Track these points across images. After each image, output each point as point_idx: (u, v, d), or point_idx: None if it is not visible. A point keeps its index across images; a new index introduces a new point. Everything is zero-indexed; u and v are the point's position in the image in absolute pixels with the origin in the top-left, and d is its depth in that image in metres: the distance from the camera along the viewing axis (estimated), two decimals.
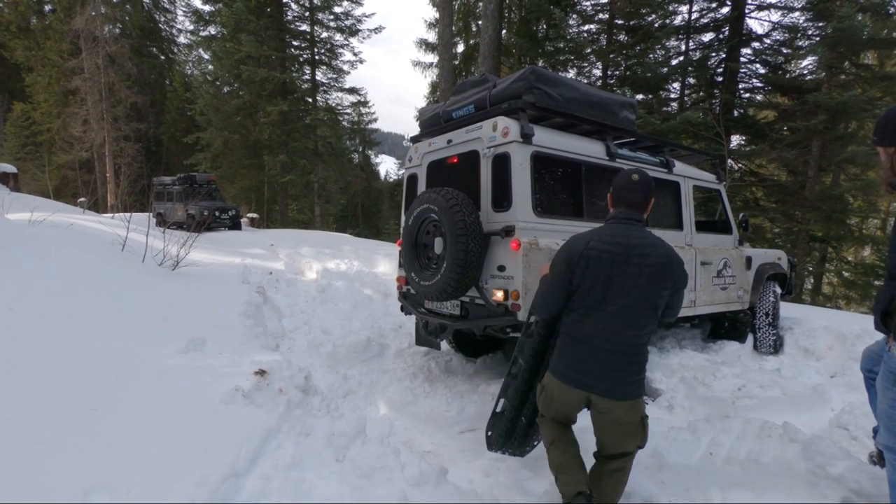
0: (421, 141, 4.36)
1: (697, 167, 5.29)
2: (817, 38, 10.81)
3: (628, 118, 4.17)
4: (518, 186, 3.38)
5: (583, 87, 3.91)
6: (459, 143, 3.88)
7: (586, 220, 3.69)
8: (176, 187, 17.46)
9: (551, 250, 3.35)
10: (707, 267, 4.65)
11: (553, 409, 2.34)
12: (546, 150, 3.54)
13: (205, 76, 24.85)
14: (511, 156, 3.39)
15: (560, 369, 2.24)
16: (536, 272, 3.28)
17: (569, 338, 2.21)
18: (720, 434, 2.87)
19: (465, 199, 3.47)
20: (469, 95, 4.09)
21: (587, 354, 2.14)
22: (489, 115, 3.64)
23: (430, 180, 4.26)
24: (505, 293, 3.39)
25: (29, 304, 4.06)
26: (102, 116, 23.55)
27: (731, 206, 5.34)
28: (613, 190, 2.23)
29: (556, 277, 2.20)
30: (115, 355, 3.76)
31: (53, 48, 24.90)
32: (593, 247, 2.09)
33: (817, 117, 9.53)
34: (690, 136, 11.24)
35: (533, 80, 3.53)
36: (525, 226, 3.36)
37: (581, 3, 12.76)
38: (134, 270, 5.93)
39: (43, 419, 2.77)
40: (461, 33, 19.91)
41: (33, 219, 6.73)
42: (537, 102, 3.53)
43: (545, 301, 2.32)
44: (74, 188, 24.78)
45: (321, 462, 2.84)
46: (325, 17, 22.65)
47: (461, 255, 3.35)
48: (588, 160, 3.79)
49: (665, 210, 4.51)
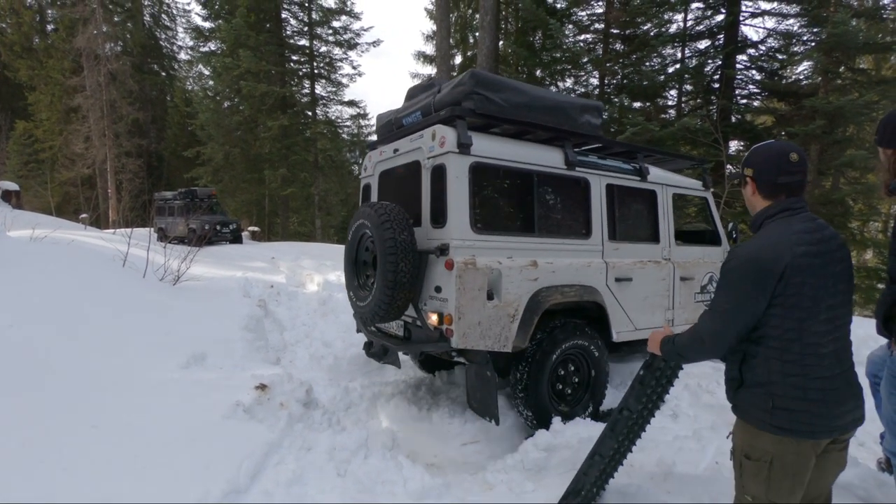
0: (375, 149, 4.12)
1: (682, 173, 4.97)
2: (812, 43, 10.89)
3: (591, 123, 3.81)
4: (454, 201, 3.09)
5: (533, 90, 3.57)
6: (405, 153, 3.61)
7: (538, 236, 3.43)
8: (177, 202, 17.52)
9: (492, 270, 3.12)
10: (688, 283, 4.30)
11: (798, 492, 1.60)
12: (489, 160, 3.25)
13: (205, 91, 25.06)
14: (447, 167, 3.11)
15: (794, 420, 1.55)
16: (474, 294, 3.05)
17: (784, 375, 1.58)
18: (726, 443, 2.83)
19: (399, 215, 3.20)
20: (417, 101, 3.79)
21: (825, 384, 1.57)
22: (432, 122, 3.36)
23: (382, 191, 4.05)
24: (440, 316, 3.10)
25: (30, 321, 4.06)
26: (104, 133, 23.72)
27: (726, 213, 5.07)
28: (764, 175, 1.67)
29: (745, 301, 1.57)
30: (117, 371, 3.75)
31: (56, 67, 25.16)
32: (803, 252, 1.55)
33: (815, 122, 9.56)
34: (689, 142, 11.28)
35: (473, 85, 3.23)
36: (460, 244, 3.07)
37: (577, 14, 12.88)
38: (135, 286, 5.93)
39: (44, 437, 2.76)
40: (459, 45, 20.11)
41: (35, 236, 6.74)
42: (477, 109, 3.22)
43: (720, 339, 1.63)
44: (76, 204, 24.85)
45: (323, 477, 2.81)
46: (323, 32, 22.91)
47: (390, 276, 3.09)
48: (541, 170, 3.47)
49: (639, 221, 4.16)
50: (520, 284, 3.22)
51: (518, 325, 3.22)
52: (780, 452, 1.58)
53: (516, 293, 3.21)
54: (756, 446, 1.62)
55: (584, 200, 3.69)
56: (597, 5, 12.61)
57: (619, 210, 3.90)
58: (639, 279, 3.88)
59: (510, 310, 3.19)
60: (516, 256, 3.26)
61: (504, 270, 3.15)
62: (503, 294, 3.15)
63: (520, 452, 3.09)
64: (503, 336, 3.17)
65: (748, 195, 1.75)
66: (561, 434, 3.24)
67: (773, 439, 1.58)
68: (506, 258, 3.21)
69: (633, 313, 3.88)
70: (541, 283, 3.31)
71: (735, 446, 1.73)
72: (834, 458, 1.64)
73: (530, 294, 3.27)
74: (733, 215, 10.96)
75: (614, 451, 2.30)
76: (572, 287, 3.45)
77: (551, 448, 3.10)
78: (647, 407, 2.22)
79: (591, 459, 2.35)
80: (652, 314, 4.01)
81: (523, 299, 3.24)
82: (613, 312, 3.72)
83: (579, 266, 3.53)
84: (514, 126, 3.45)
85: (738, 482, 1.72)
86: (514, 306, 3.20)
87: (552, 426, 3.38)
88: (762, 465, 1.60)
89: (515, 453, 3.09)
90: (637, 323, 3.91)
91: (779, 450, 1.58)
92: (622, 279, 3.77)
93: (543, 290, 3.31)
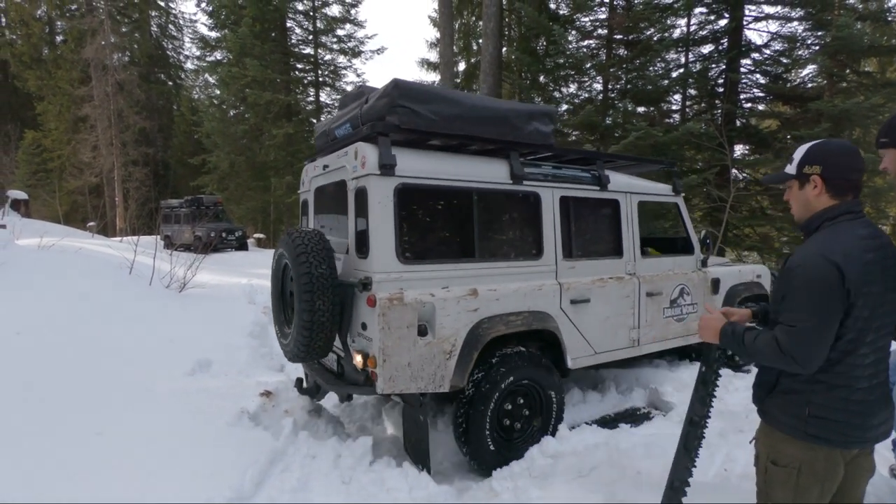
0: (314, 161, 3.76)
1: (649, 177, 4.60)
2: (817, 46, 10.85)
3: (540, 130, 3.39)
4: (376, 229, 2.74)
5: (469, 100, 3.17)
6: (334, 170, 3.25)
7: (479, 261, 3.07)
8: (183, 210, 17.65)
9: (423, 304, 2.77)
10: (655, 298, 3.96)
11: (825, 499, 1.58)
12: (418, 180, 2.89)
13: (211, 100, 25.30)
14: (368, 191, 2.77)
15: (830, 429, 1.52)
16: (401, 333, 2.70)
17: (830, 386, 1.52)
18: (734, 449, 2.80)
19: (317, 245, 2.85)
20: (347, 112, 3.37)
21: (866, 395, 1.53)
22: (356, 138, 2.98)
23: (317, 209, 3.76)
24: (364, 357, 2.79)
25: (37, 328, 4.08)
26: (111, 142, 24.00)
27: (732, 217, 4.86)
28: (837, 172, 1.57)
29: (830, 313, 1.46)
30: (122, 378, 3.76)
31: (64, 77, 25.49)
32: (871, 260, 1.49)
33: (821, 125, 9.51)
34: (693, 146, 11.24)
35: (396, 97, 2.84)
36: (385, 277, 2.74)
37: (580, 20, 12.92)
38: (141, 293, 5.96)
39: (50, 444, 2.77)
40: (462, 52, 20.19)
41: (43, 244, 6.80)
42: (402, 124, 2.84)
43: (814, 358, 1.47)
44: (84, 213, 25.11)
45: (328, 484, 2.80)
46: (328, 40, 23.12)
47: (306, 317, 2.76)
48: (483, 186, 3.11)
49: (599, 235, 3.81)
50: (457, 317, 2.89)
51: (456, 361, 2.89)
52: (809, 459, 1.54)
53: (453, 327, 2.88)
54: (785, 452, 1.58)
55: (533, 217, 3.36)
56: (599, 11, 12.64)
57: (576, 224, 3.59)
58: (598, 299, 3.58)
59: (446, 346, 2.86)
60: (453, 286, 2.94)
61: (438, 303, 2.82)
62: (437, 329, 2.82)
63: (526, 459, 3.06)
64: (438, 375, 2.84)
65: (809, 195, 1.61)
66: (567, 441, 3.21)
67: (803, 446, 1.55)
68: (440, 289, 2.88)
69: (592, 337, 3.58)
70: (482, 313, 2.98)
71: (759, 452, 1.68)
72: (863, 463, 1.60)
73: (469, 327, 2.94)
74: (739, 220, 10.93)
75: (688, 470, 2.08)
76: (519, 315, 3.13)
77: (558, 455, 3.07)
78: (709, 407, 2.02)
79: (670, 490, 2.10)
80: (614, 336, 3.72)
81: (461, 333, 2.91)
82: (569, 338, 3.42)
83: (528, 290, 3.20)
84: (448, 140, 3.11)
85: (761, 489, 1.68)
86: (450, 342, 2.87)
87: (559, 433, 3.35)
88: (790, 472, 1.57)
89: (522, 460, 3.06)
90: (597, 346, 3.63)
91: (809, 457, 1.54)
92: (579, 301, 3.46)
93: (485, 322, 2.99)
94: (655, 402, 4.02)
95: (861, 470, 1.61)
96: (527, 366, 3.12)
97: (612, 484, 2.72)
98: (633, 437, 3.21)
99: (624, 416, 3.82)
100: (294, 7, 22.26)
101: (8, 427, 2.83)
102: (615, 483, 2.72)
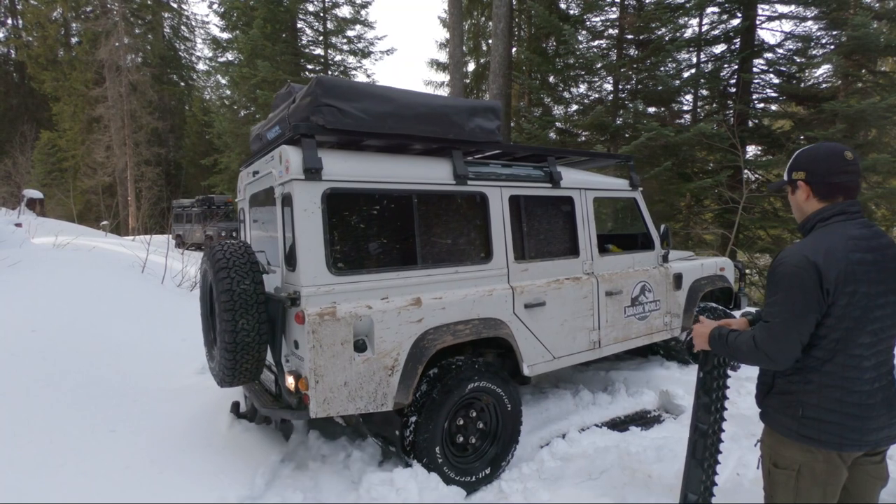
0: (247, 167, 3.51)
1: (603, 172, 4.46)
2: (832, 46, 10.71)
3: (484, 127, 3.18)
4: (303, 239, 2.53)
5: (402, 96, 2.89)
6: (263, 177, 3.03)
7: (423, 268, 2.89)
8: (194, 209, 17.82)
9: (359, 318, 2.57)
10: (615, 297, 3.83)
11: (830, 501, 1.56)
12: (350, 184, 2.69)
13: (222, 101, 25.51)
14: (293, 198, 2.55)
15: (823, 431, 1.51)
16: (335, 351, 2.50)
17: (822, 385, 1.52)
18: (746, 453, 2.77)
19: (240, 258, 2.64)
20: (278, 113, 3.17)
21: (863, 398, 1.51)
22: (281, 141, 2.78)
23: (253, 218, 3.57)
24: (296, 378, 2.57)
25: (52, 326, 4.14)
26: (124, 142, 24.30)
27: (744, 219, 4.75)
28: (819, 177, 1.58)
29: (802, 311, 1.48)
30: (135, 375, 3.80)
31: (79, 78, 25.84)
32: (858, 260, 1.48)
33: (835, 126, 9.38)
34: (705, 147, 11.13)
35: (319, 96, 2.62)
36: (314, 291, 2.52)
37: (590, 20, 12.86)
38: (153, 291, 6.02)
39: (64, 441, 2.80)
40: (472, 52, 20.19)
41: (58, 242, 6.90)
42: (327, 124, 2.62)
43: (784, 354, 1.52)
44: (98, 212, 25.42)
45: (339, 484, 2.81)
46: (338, 41, 23.21)
47: (227, 337, 2.54)
48: (424, 188, 2.93)
49: (553, 234, 3.62)
50: (398, 329, 2.70)
51: (399, 377, 2.70)
52: (808, 461, 1.53)
53: (394, 340, 2.69)
54: (784, 454, 1.59)
55: (481, 218, 3.19)
56: (610, 11, 12.56)
57: (528, 224, 3.42)
58: (554, 302, 3.42)
59: (387, 361, 2.67)
60: (393, 296, 2.74)
61: (376, 316, 2.62)
62: (377, 344, 2.63)
63: (536, 461, 3.05)
64: (380, 393, 2.65)
65: (800, 201, 1.64)
66: (577, 443, 3.20)
67: (800, 448, 1.54)
68: (378, 300, 2.68)
69: (549, 341, 3.42)
70: (427, 323, 2.80)
71: (763, 454, 1.69)
72: (870, 470, 1.58)
73: (413, 339, 2.75)
74: (751, 221, 10.80)
75: (703, 482, 2.03)
76: (468, 323, 2.95)
77: (567, 458, 3.06)
78: (717, 415, 2.00)
79: (685, 501, 2.06)
80: (573, 339, 3.58)
81: (404, 346, 2.72)
82: (524, 344, 3.26)
83: (477, 297, 3.03)
84: (387, 141, 2.91)
85: (766, 491, 1.68)
86: (392, 356, 2.68)
87: (568, 435, 3.34)
88: (790, 474, 1.57)
89: (531, 462, 3.06)
90: (556, 351, 3.47)
91: (807, 459, 1.54)
92: (533, 305, 3.29)
93: (430, 332, 2.80)
94: (666, 404, 3.99)
95: (869, 477, 1.58)
96: (479, 376, 2.89)
97: (622, 487, 2.71)
98: (644, 440, 3.19)
99: (634, 418, 3.79)
100: (305, 8, 22.39)
101: (22, 424, 2.87)
102: (625, 486, 2.71)
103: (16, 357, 3.51)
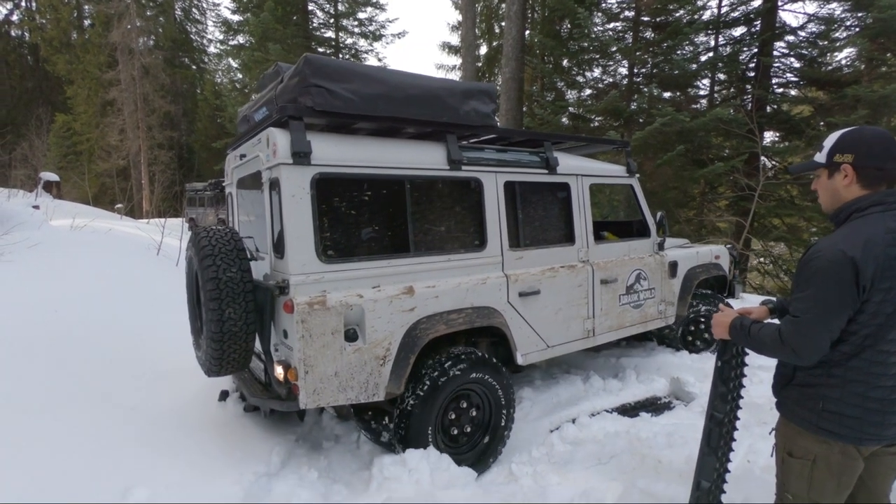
0: (234, 150, 3.42)
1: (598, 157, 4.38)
2: (856, 29, 10.38)
3: (479, 110, 3.08)
4: (292, 225, 2.46)
5: (393, 77, 2.79)
6: (251, 160, 2.94)
7: (415, 256, 2.82)
8: (207, 193, 17.94)
9: (350, 307, 2.51)
10: (610, 286, 3.79)
11: (843, 493, 1.56)
12: (341, 168, 2.60)
13: (234, 84, 25.52)
14: (281, 183, 2.46)
15: (843, 425, 1.49)
16: (325, 341, 2.44)
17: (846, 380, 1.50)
18: (758, 441, 2.78)
19: (226, 245, 2.57)
20: (265, 94, 3.09)
21: (886, 393, 1.48)
22: (268, 124, 2.66)
23: (241, 203, 3.51)
24: (286, 369, 2.52)
25: (71, 307, 4.24)
26: (138, 126, 24.49)
27: (760, 206, 4.67)
28: (870, 160, 1.49)
29: (835, 306, 1.43)
30: (151, 357, 3.89)
31: (92, 61, 25.97)
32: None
33: (857, 112, 9.14)
34: (721, 133, 10.93)
35: (309, 76, 2.51)
36: (303, 279, 2.46)
37: (606, 2, 12.59)
38: (168, 274, 6.12)
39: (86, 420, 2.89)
40: (484, 35, 19.92)
41: (75, 225, 7.02)
42: (316, 105, 2.52)
43: (811, 350, 1.46)
44: (112, 195, 25.71)
45: (352, 464, 2.87)
46: (349, 24, 23.02)
47: (214, 327, 2.48)
48: (417, 174, 2.85)
49: (548, 221, 3.56)
50: (390, 318, 2.65)
51: (391, 367, 2.66)
52: (824, 453, 1.53)
53: (386, 330, 2.64)
54: (800, 445, 1.58)
55: (475, 205, 3.12)
56: None
57: (523, 211, 3.37)
58: (548, 290, 3.38)
59: (379, 351, 2.62)
60: (385, 284, 2.69)
61: (367, 304, 2.57)
62: (368, 333, 2.58)
63: (546, 445, 3.09)
64: (371, 383, 2.61)
65: (838, 185, 1.55)
66: (588, 428, 3.23)
67: (817, 440, 1.54)
68: (370, 289, 2.63)
69: (543, 330, 3.39)
70: (419, 312, 2.75)
71: (777, 443, 1.69)
72: (888, 461, 1.57)
73: (405, 328, 2.70)
74: (767, 209, 10.64)
75: (717, 470, 2.02)
76: (461, 312, 2.91)
77: (578, 442, 3.10)
78: (733, 403, 1.99)
79: (697, 490, 2.04)
80: (567, 328, 3.55)
81: (396, 336, 2.67)
82: (518, 333, 3.22)
83: (471, 285, 2.97)
84: (377, 123, 2.80)
85: (779, 479, 1.68)
86: (383, 346, 2.64)
87: (578, 419, 3.37)
88: (805, 464, 1.57)
89: (542, 446, 3.09)
90: (550, 340, 3.44)
91: (823, 450, 1.53)
92: (528, 293, 3.25)
93: (423, 321, 2.75)
94: (677, 391, 3.99)
95: (886, 468, 1.57)
96: (472, 365, 2.86)
97: (631, 472, 2.73)
98: (654, 426, 3.21)
99: (645, 405, 3.81)
100: None
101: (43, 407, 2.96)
102: (635, 471, 2.73)
103: (38, 340, 3.61)
